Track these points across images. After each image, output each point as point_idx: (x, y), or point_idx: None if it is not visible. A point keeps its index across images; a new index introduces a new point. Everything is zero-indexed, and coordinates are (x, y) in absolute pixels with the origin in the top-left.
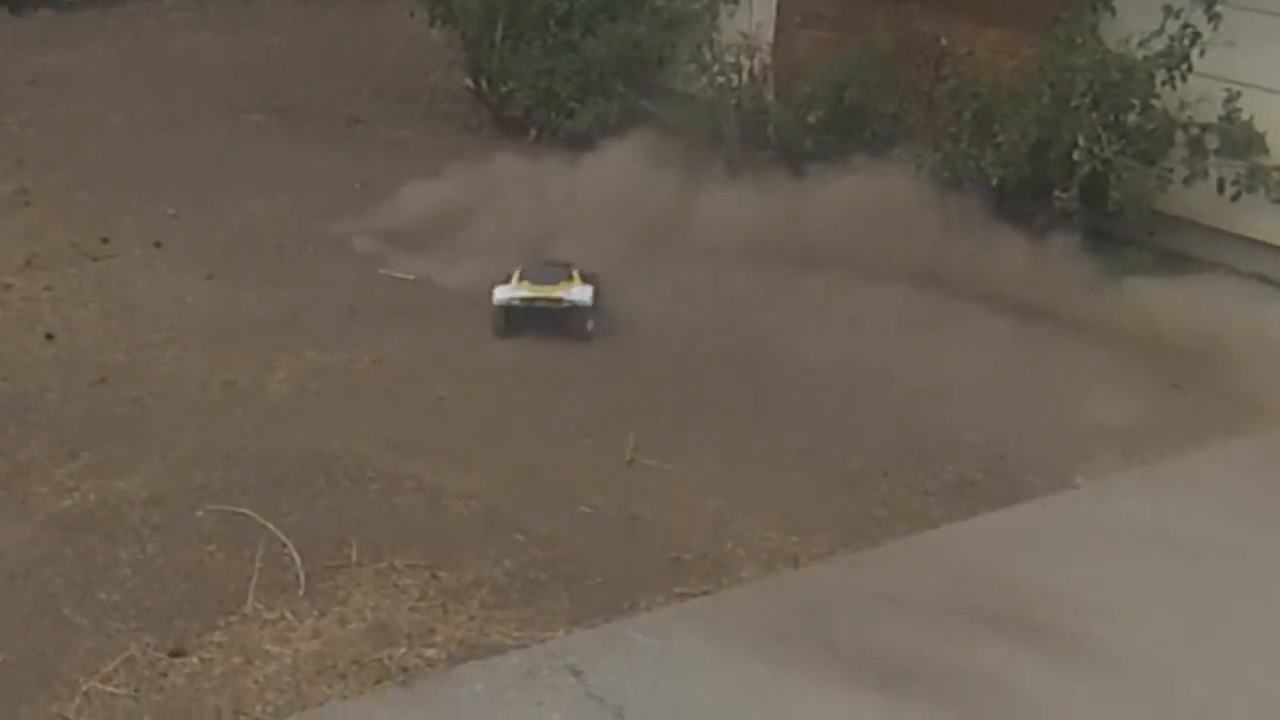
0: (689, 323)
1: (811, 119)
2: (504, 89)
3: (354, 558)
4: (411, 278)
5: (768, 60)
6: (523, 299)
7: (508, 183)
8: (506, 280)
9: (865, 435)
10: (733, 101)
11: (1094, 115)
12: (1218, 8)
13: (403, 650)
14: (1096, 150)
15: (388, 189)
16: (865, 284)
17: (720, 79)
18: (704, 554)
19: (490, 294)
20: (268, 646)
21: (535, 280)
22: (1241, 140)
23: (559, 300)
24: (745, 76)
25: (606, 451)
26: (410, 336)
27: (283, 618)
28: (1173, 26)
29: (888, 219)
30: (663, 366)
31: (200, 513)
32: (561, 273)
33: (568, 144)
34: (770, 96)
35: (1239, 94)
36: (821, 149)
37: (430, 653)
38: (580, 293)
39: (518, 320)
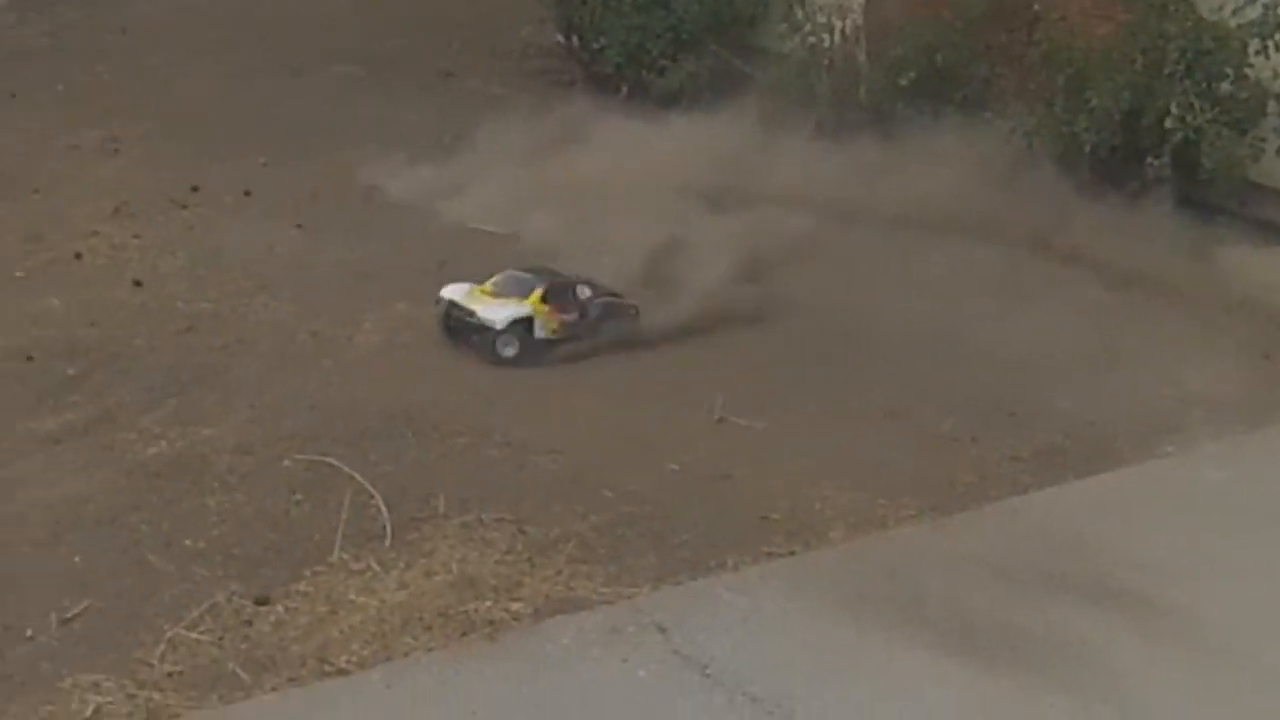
0: (780, 282)
1: (903, 81)
2: (595, 45)
3: (440, 510)
4: (501, 232)
5: (859, 21)
6: (450, 304)
7: (598, 140)
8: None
9: (955, 398)
10: (824, 62)
11: (1186, 83)
12: None
13: (489, 603)
14: (1189, 118)
15: (478, 143)
16: (958, 246)
17: (812, 39)
18: (791, 514)
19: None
20: (353, 597)
21: (496, 288)
22: None
23: (471, 315)
24: (837, 37)
25: (695, 409)
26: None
27: (369, 568)
28: None
29: (980, 183)
30: (752, 325)
31: (287, 462)
32: (524, 287)
33: (659, 101)
34: (862, 57)
35: None
36: (913, 111)
37: (516, 606)
38: (497, 312)
39: (455, 325)
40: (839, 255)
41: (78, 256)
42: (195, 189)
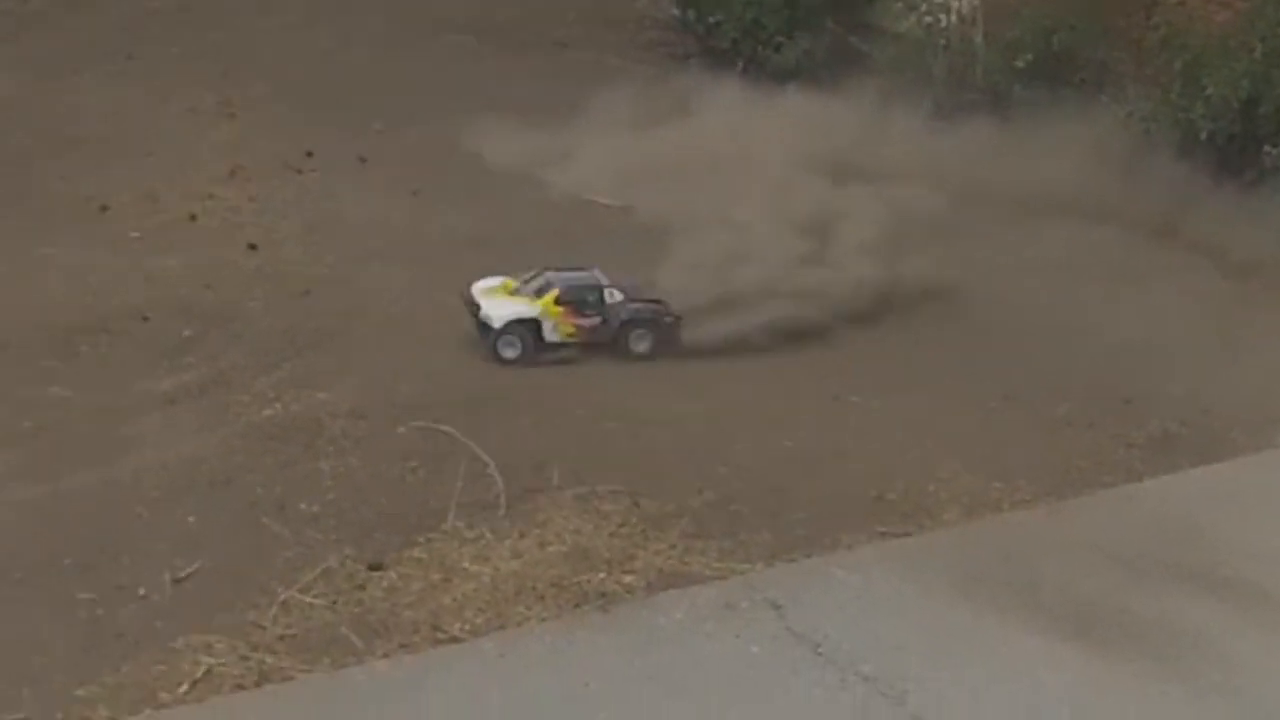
0: (897, 262)
1: (1020, 63)
2: (711, 20)
3: (555, 481)
4: (614, 204)
5: (976, 1)
6: (468, 299)
7: (712, 114)
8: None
9: (1071, 383)
10: (941, 42)
11: None
12: None
13: (602, 575)
14: None
15: (592, 114)
16: (1074, 230)
17: (928, 19)
18: (906, 494)
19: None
20: (466, 565)
21: (520, 286)
22: None
23: (477, 310)
24: (954, 17)
25: (812, 387)
26: (614, 263)
27: (482, 537)
28: None
29: (1097, 167)
30: (869, 304)
31: (402, 428)
32: (541, 286)
33: (774, 77)
34: (978, 38)
35: None
36: (1029, 93)
37: (629, 579)
38: (499, 311)
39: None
40: (955, 236)
41: (193, 218)
42: (310, 153)
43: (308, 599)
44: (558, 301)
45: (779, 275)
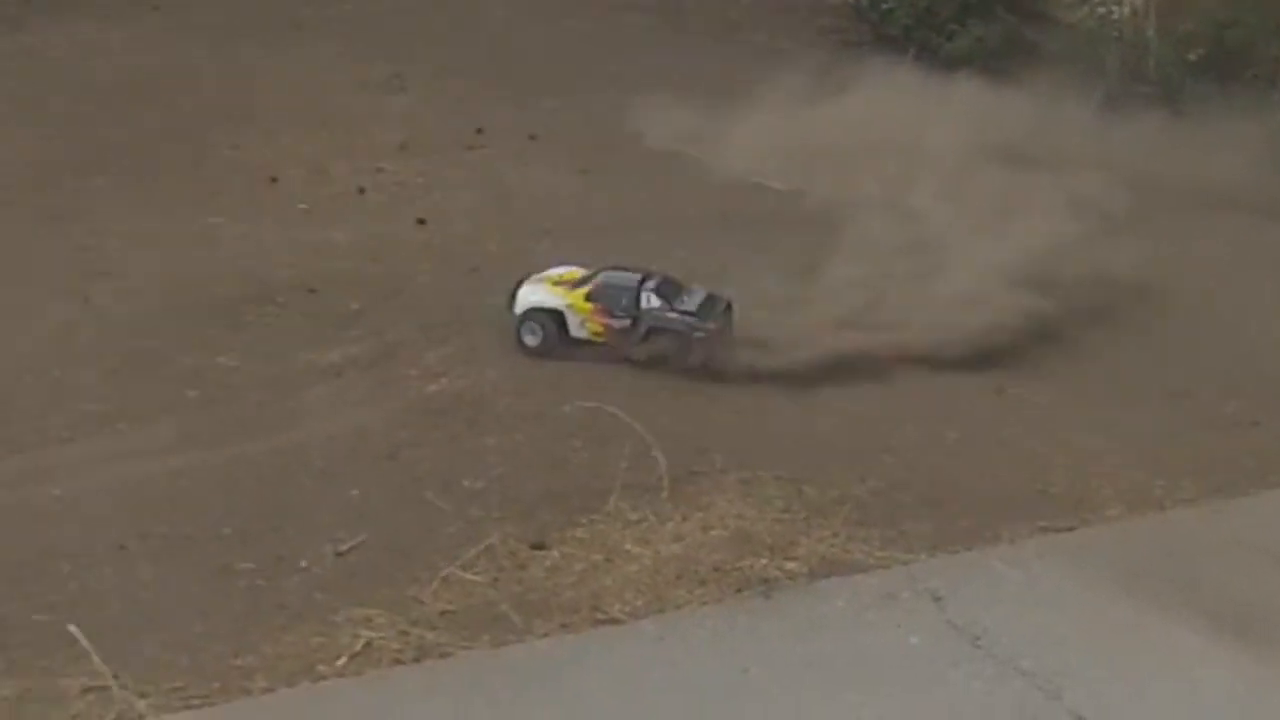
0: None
1: (1192, 56)
2: (884, 6)
3: (718, 465)
4: (783, 188)
5: None
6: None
7: (884, 100)
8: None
9: (1240, 380)
10: (1113, 34)
11: None
12: None
13: (764, 561)
14: None
15: (763, 97)
16: (1244, 226)
17: (1101, 10)
18: (1069, 489)
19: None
20: (629, 546)
21: (570, 280)
22: None
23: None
24: (1127, 9)
25: (976, 379)
26: (780, 244)
27: (645, 519)
28: None
29: (1269, 163)
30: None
31: (567, 407)
32: (586, 280)
33: (946, 65)
34: (1151, 31)
35: None
36: (1200, 87)
37: (791, 565)
38: (524, 298)
39: None
40: (1124, 228)
41: (361, 191)
42: (480, 130)
43: (469, 576)
44: (589, 298)
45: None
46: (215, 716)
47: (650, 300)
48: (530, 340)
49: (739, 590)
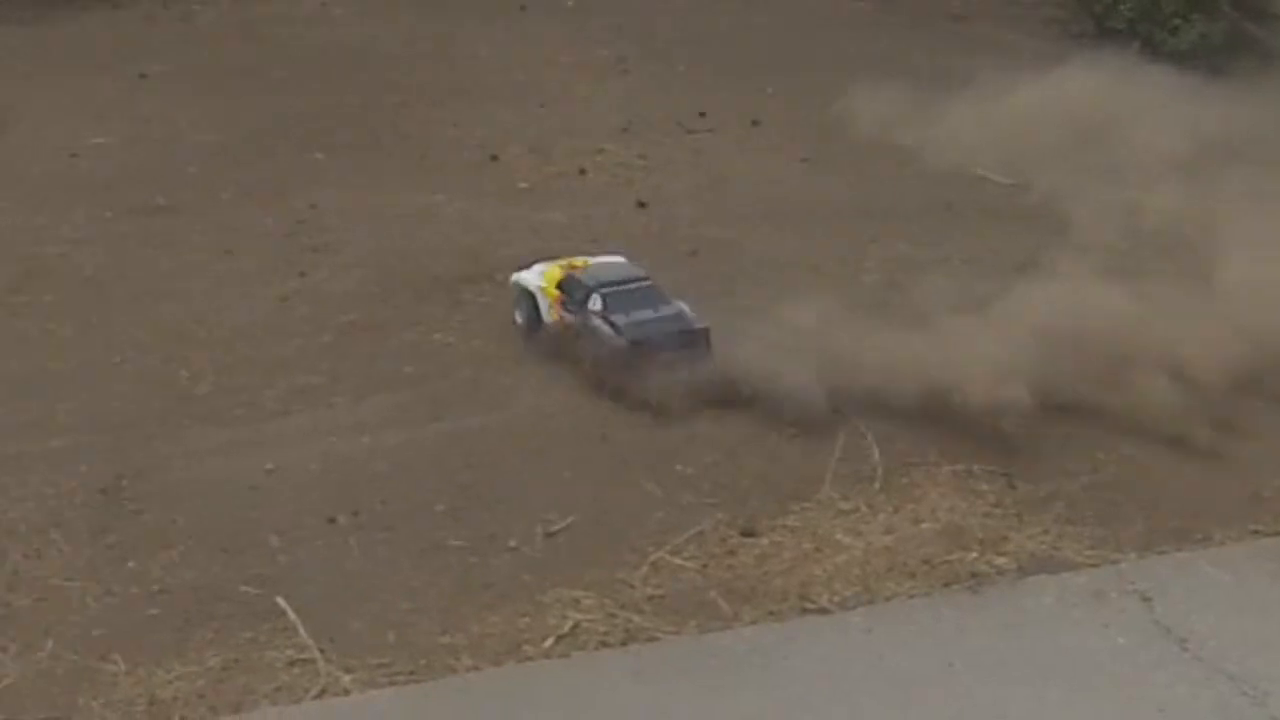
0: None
1: None
2: None
3: (932, 457)
4: (1005, 181)
5: None
6: None
7: (1106, 94)
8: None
9: None
10: None
11: None
12: None
13: (974, 555)
14: None
15: (984, 88)
16: None
17: None
18: None
19: None
20: (839, 536)
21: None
22: None
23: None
24: None
25: None
26: (1003, 239)
27: (857, 509)
28: None
29: None
30: None
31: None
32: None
33: (1169, 60)
34: None
35: None
36: None
37: (1001, 561)
38: (526, 273)
39: None
40: None
41: (582, 172)
42: (702, 113)
43: (678, 560)
44: (559, 286)
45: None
46: (420, 694)
47: (595, 303)
48: (518, 317)
49: (947, 584)
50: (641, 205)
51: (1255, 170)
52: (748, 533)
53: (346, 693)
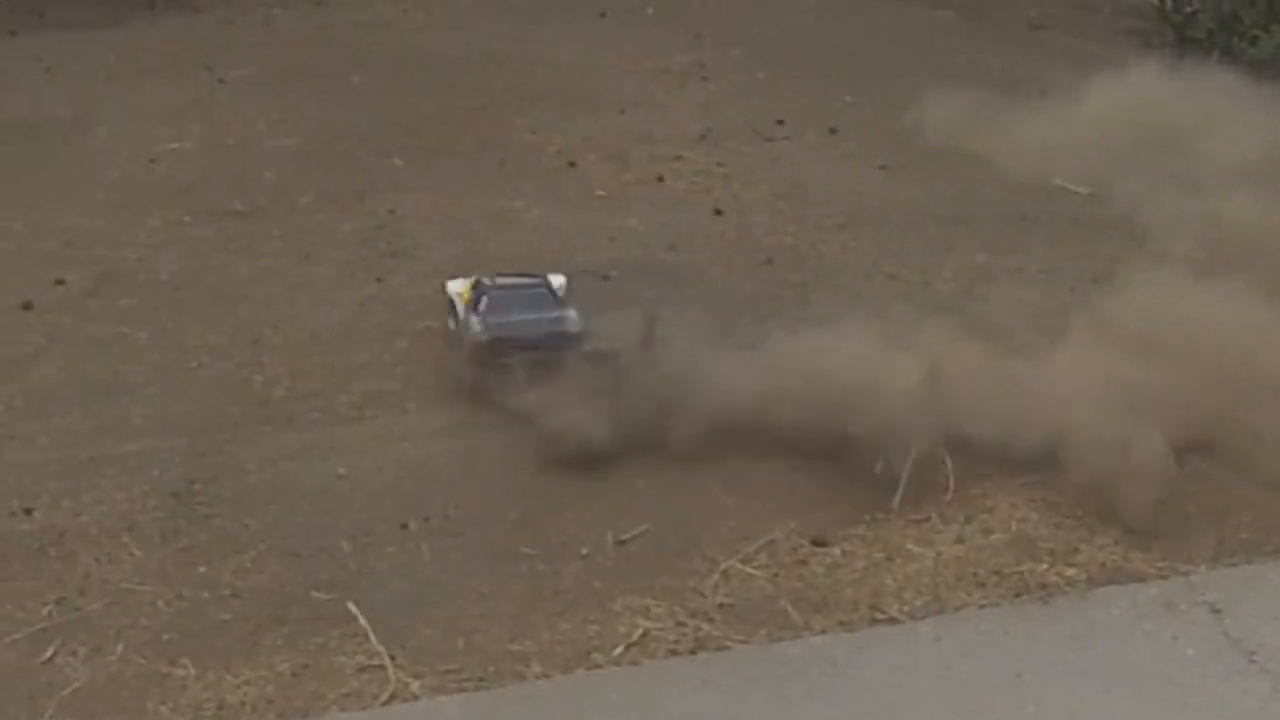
0: None
1: None
2: (1188, 9)
3: (1005, 467)
4: (1083, 191)
5: None
6: None
7: (1184, 105)
8: None
9: None
10: None
11: None
12: None
13: (1044, 566)
14: None
15: (1063, 97)
16: None
17: None
18: None
19: None
20: (910, 546)
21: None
22: None
23: None
24: None
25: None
26: (1079, 249)
27: (928, 519)
28: None
29: None
30: None
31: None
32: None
33: (1250, 70)
34: None
35: None
36: None
37: (1071, 572)
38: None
39: None
40: None
41: (660, 179)
42: (781, 121)
43: (749, 569)
44: (473, 288)
45: None
46: (490, 700)
47: (482, 303)
48: (450, 323)
49: (1017, 595)
50: (718, 213)
51: None
52: (819, 542)
53: (415, 699)
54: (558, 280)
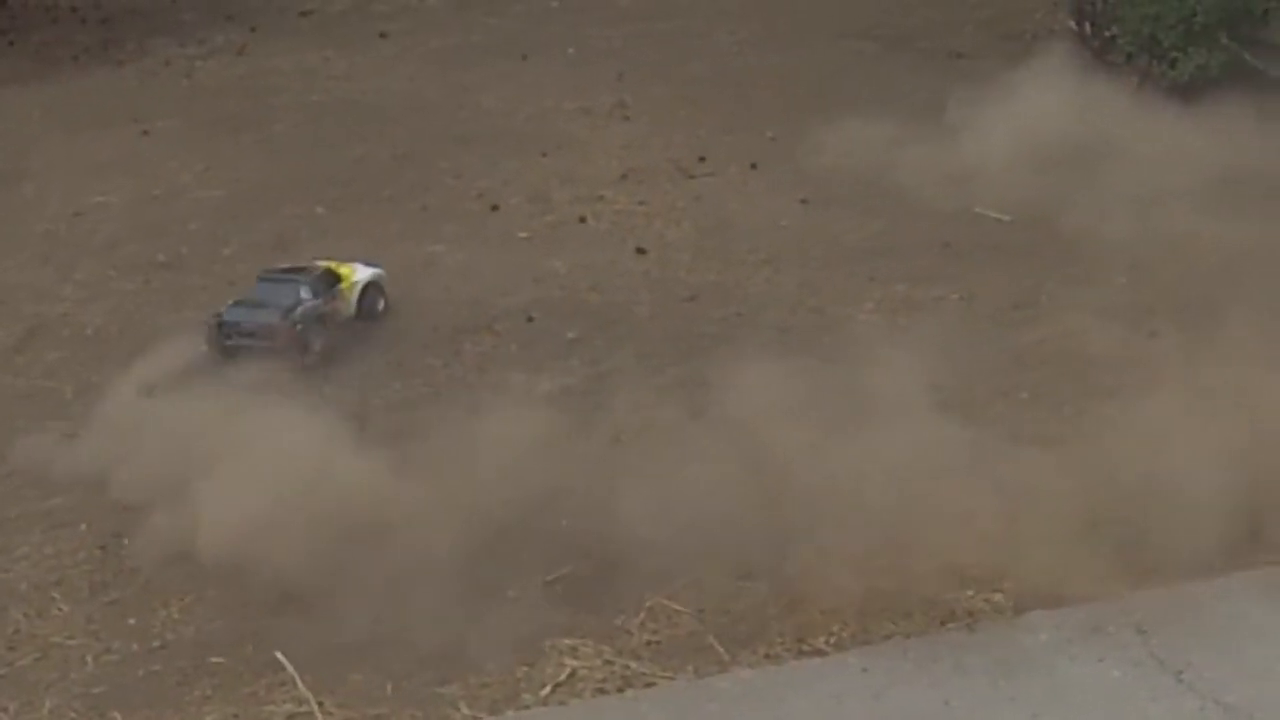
0: None
1: None
2: (1107, 34)
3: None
4: (1005, 218)
5: None
6: None
7: (1107, 128)
8: None
9: None
10: None
11: None
12: None
13: (970, 593)
14: None
15: (984, 125)
16: None
17: None
18: None
19: None
20: (838, 579)
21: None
22: None
23: None
24: None
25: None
26: (1001, 277)
27: (858, 552)
28: None
29: None
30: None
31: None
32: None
33: (1169, 92)
34: None
35: None
36: None
37: (998, 598)
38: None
39: None
40: None
41: (582, 220)
42: (703, 158)
43: (675, 606)
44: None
45: None
46: None
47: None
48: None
49: (943, 623)
50: (641, 251)
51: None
52: (744, 577)
53: None
54: (367, 272)
